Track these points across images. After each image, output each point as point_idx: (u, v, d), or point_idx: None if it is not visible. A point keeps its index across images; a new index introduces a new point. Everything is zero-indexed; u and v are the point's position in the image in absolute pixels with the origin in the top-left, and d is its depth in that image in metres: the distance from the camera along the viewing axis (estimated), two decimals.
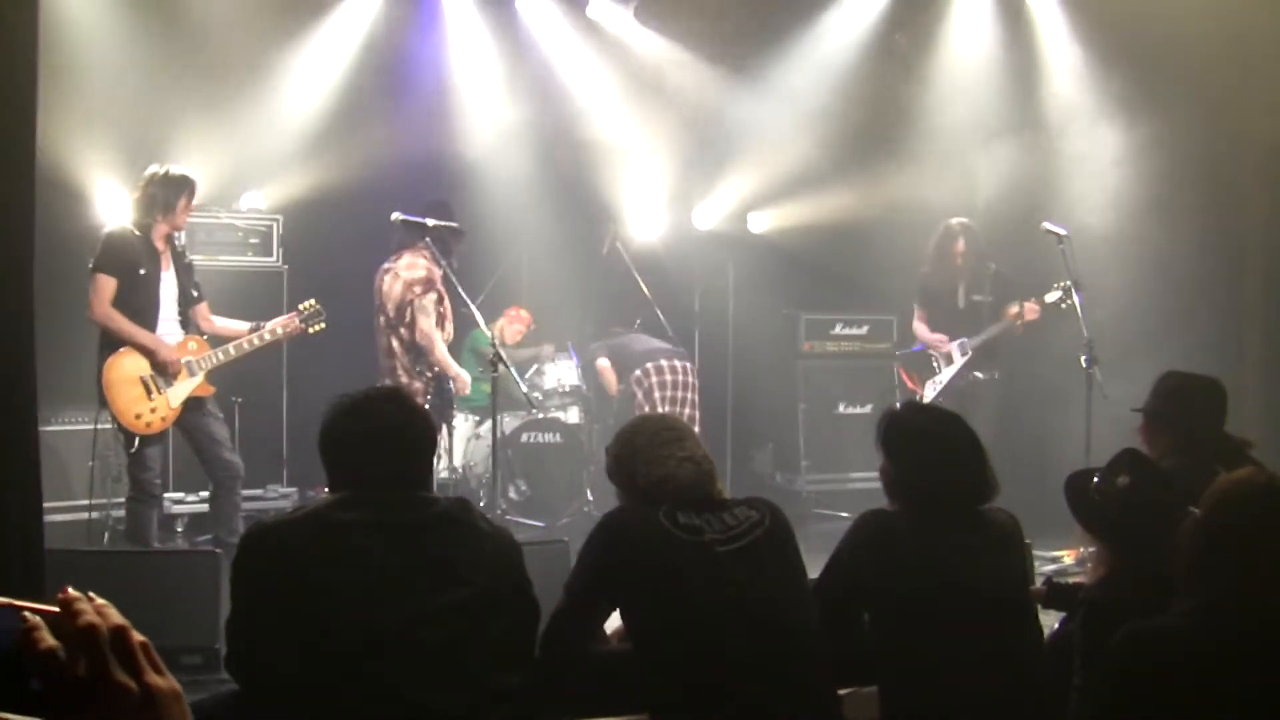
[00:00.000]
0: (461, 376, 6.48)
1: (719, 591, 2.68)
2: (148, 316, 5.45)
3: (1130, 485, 2.98)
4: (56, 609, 0.89)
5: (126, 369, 5.38)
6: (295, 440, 7.27)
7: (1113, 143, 7.89)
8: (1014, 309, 7.15)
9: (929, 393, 7.35)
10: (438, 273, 6.32)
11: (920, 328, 7.60)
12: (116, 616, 0.90)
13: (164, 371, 5.46)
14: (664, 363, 7.49)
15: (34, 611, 0.88)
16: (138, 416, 5.37)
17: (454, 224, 6.33)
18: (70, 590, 0.90)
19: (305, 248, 7.25)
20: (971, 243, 7.39)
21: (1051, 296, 6.87)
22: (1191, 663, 2.27)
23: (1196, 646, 2.27)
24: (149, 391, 5.40)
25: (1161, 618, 2.37)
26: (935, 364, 7.46)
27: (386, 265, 6.46)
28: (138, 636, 0.90)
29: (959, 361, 7.32)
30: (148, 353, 5.43)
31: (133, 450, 5.40)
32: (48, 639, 0.87)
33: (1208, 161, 7.74)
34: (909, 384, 7.65)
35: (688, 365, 7.65)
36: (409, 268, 6.36)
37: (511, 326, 8.11)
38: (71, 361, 5.87)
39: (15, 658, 0.87)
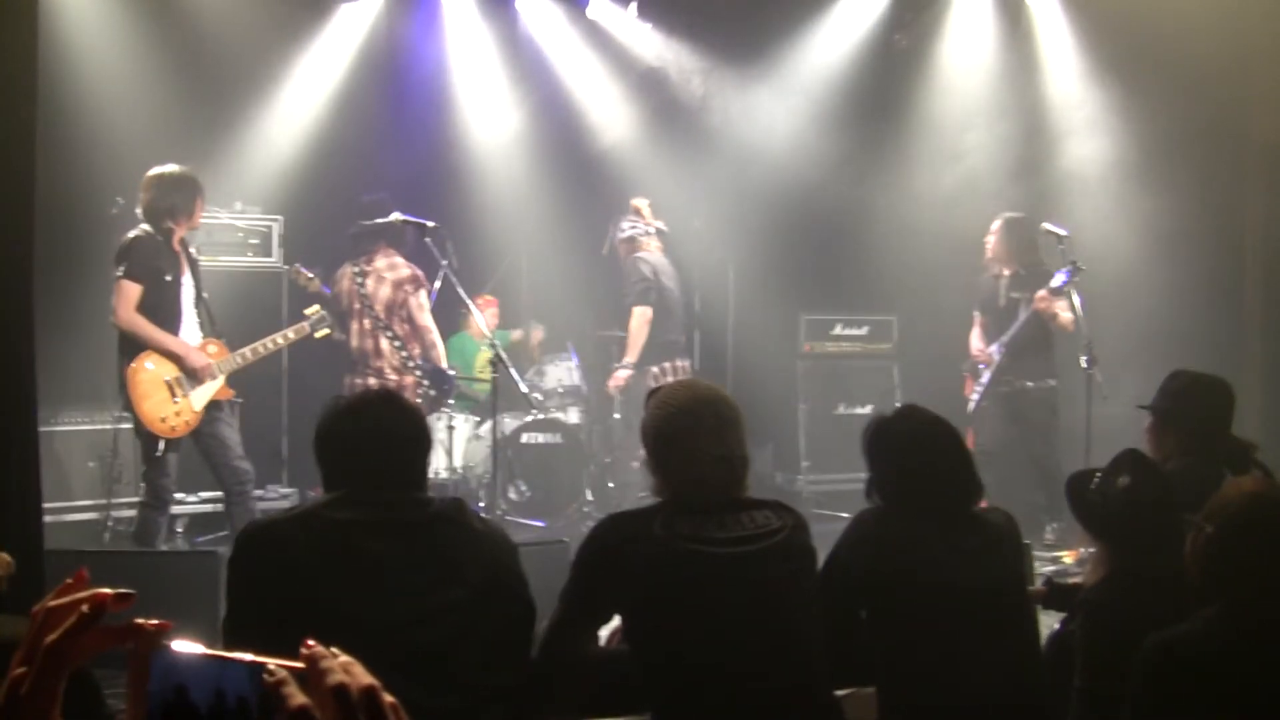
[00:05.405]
0: None
1: (718, 595, 2.65)
2: (173, 322, 5.40)
3: (1131, 486, 2.98)
4: (301, 665, 0.84)
5: (151, 372, 5.31)
6: (295, 440, 7.26)
7: (1112, 142, 7.89)
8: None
9: (971, 400, 7.07)
10: (419, 270, 6.51)
11: (973, 336, 7.25)
12: (365, 676, 0.85)
13: (195, 376, 5.40)
14: (679, 363, 7.40)
15: (279, 667, 0.84)
16: (163, 420, 5.30)
17: (428, 221, 6.36)
18: (314, 644, 0.85)
19: (305, 248, 7.24)
20: (1006, 237, 7.05)
21: (1056, 281, 6.56)
22: (1222, 664, 2.31)
23: (1225, 648, 2.31)
24: (173, 395, 5.34)
25: (1184, 624, 2.39)
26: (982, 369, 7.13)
27: (358, 268, 6.50)
28: (388, 698, 0.85)
29: (994, 363, 7.01)
30: (176, 359, 5.37)
31: (157, 454, 5.34)
32: (298, 696, 0.82)
33: (1208, 161, 7.74)
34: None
35: (688, 365, 7.63)
36: (391, 269, 6.49)
37: (488, 310, 7.98)
38: (72, 362, 5.88)
39: (245, 713, 0.83)
